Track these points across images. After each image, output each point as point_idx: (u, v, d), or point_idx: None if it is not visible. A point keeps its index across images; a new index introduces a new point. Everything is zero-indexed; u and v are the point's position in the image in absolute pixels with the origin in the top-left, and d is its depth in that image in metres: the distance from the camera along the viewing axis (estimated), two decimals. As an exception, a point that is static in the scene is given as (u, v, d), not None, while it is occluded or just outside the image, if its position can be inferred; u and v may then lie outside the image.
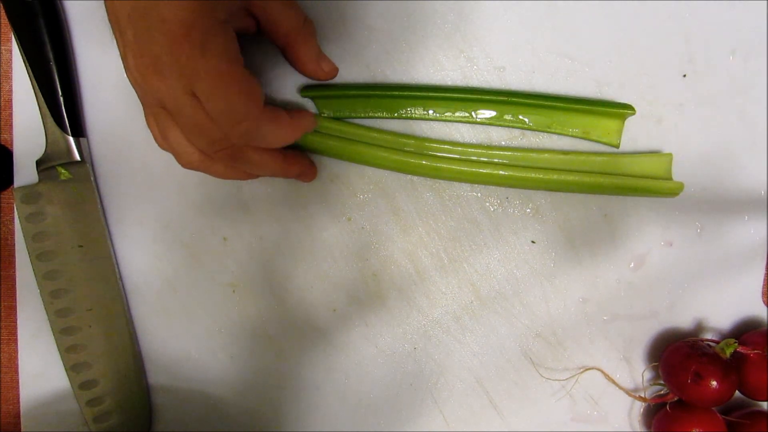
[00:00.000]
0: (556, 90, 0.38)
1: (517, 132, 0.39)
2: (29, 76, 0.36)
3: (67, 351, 0.38)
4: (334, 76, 0.37)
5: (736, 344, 0.37)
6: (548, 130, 0.38)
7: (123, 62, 0.30)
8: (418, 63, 0.38)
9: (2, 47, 0.38)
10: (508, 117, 0.38)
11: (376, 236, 0.39)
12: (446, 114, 0.38)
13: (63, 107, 0.37)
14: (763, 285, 0.41)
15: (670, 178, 0.38)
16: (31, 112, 0.38)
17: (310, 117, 0.36)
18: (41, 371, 0.40)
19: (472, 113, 0.38)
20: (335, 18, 0.38)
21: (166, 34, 0.28)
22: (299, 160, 0.36)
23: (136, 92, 0.31)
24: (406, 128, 0.38)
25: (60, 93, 0.36)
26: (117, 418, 0.39)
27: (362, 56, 0.38)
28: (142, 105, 0.32)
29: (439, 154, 0.38)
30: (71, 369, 0.39)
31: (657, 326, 0.41)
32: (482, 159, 0.38)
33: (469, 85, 0.38)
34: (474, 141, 0.39)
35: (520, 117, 0.38)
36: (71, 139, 0.37)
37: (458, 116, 0.38)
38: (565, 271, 0.40)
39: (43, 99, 0.36)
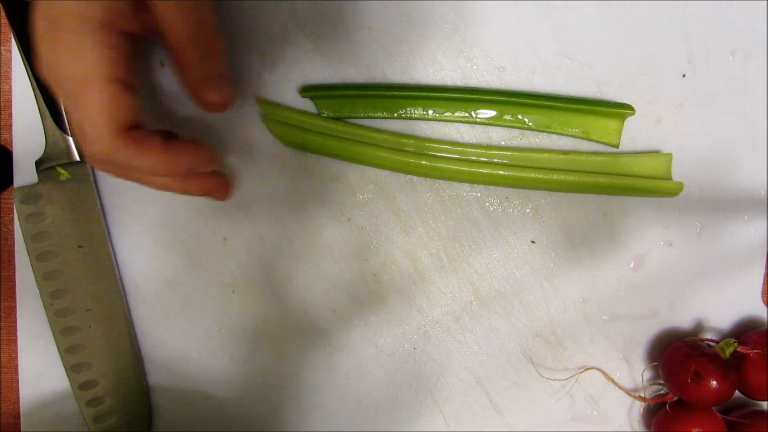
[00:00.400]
0: (556, 90, 0.38)
1: (516, 132, 0.39)
2: (29, 76, 0.36)
3: (66, 351, 0.38)
4: (224, 109, 0.31)
5: (736, 344, 0.37)
6: (548, 130, 0.38)
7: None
8: (417, 63, 0.38)
9: (2, 47, 0.38)
10: (507, 117, 0.38)
11: (376, 236, 0.39)
12: (446, 114, 0.38)
13: (63, 107, 0.37)
14: (763, 285, 0.41)
15: (669, 178, 0.38)
16: (30, 113, 0.37)
17: (201, 153, 0.31)
18: (41, 372, 0.40)
19: (472, 113, 0.38)
20: (335, 18, 0.38)
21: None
22: (203, 179, 0.32)
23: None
24: (406, 128, 0.38)
25: None
26: (117, 418, 0.39)
27: (362, 56, 0.38)
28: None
29: (438, 154, 0.38)
30: (71, 369, 0.39)
31: (657, 326, 0.41)
32: (482, 159, 0.38)
33: (469, 85, 0.38)
34: (474, 141, 0.39)
35: (520, 117, 0.38)
36: (71, 140, 0.37)
37: (458, 116, 0.38)
38: (565, 271, 0.40)
39: (42, 99, 0.36)
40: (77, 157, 0.37)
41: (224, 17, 0.37)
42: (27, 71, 0.36)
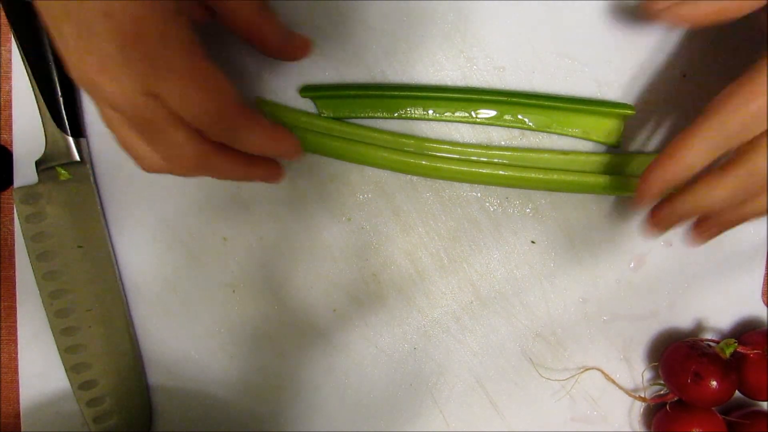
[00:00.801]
0: (556, 90, 0.38)
1: (516, 132, 0.39)
2: (29, 76, 0.36)
3: (66, 351, 0.38)
4: (309, 50, 0.34)
5: (736, 344, 0.37)
6: (548, 130, 0.38)
7: (64, 62, 0.27)
8: (417, 63, 0.38)
9: (2, 47, 0.38)
10: (507, 117, 0.38)
11: (376, 236, 0.39)
12: (446, 114, 0.38)
13: (63, 107, 0.37)
14: (763, 285, 0.41)
15: None
16: (31, 113, 0.37)
17: (292, 141, 0.33)
18: (41, 371, 0.40)
19: (472, 113, 0.38)
20: (335, 18, 0.37)
21: (113, 31, 0.25)
22: (264, 163, 0.33)
23: (83, 88, 0.28)
24: (406, 128, 0.38)
25: (60, 93, 0.36)
26: (117, 418, 0.39)
27: (362, 56, 0.38)
28: (95, 105, 0.29)
29: (438, 154, 0.38)
30: (71, 369, 0.39)
31: (657, 326, 0.41)
32: (482, 159, 0.38)
33: (469, 84, 0.38)
34: (474, 141, 0.39)
35: (520, 117, 0.38)
36: (71, 140, 0.37)
37: (458, 116, 0.38)
38: (565, 271, 0.40)
39: (42, 99, 0.36)
40: (77, 157, 0.37)
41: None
42: (27, 71, 0.36)
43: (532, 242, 0.40)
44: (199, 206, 0.39)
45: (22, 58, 0.36)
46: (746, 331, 0.40)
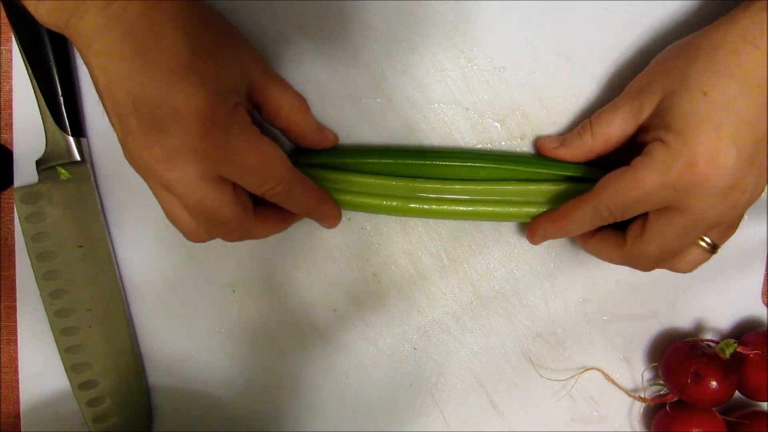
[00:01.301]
0: (557, 89, 0.38)
1: (517, 132, 0.39)
2: (29, 76, 0.36)
3: (66, 351, 0.38)
4: (336, 141, 0.37)
5: (736, 344, 0.37)
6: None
7: (122, 145, 0.29)
8: (418, 63, 0.38)
9: (2, 47, 0.38)
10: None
11: (376, 236, 0.39)
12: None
13: (63, 107, 0.37)
14: (763, 285, 0.41)
15: None
16: (31, 112, 0.37)
17: (333, 204, 0.36)
18: (41, 372, 0.40)
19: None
20: (335, 18, 0.37)
21: (182, 128, 0.27)
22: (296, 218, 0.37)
23: (137, 171, 0.30)
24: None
25: (60, 93, 0.36)
26: (117, 418, 0.39)
27: (362, 56, 0.38)
28: (149, 186, 0.31)
29: (429, 195, 0.36)
30: (71, 369, 0.39)
31: (657, 326, 0.41)
32: (465, 197, 0.36)
33: (470, 85, 0.38)
34: (474, 140, 0.39)
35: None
36: (71, 139, 0.37)
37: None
38: (565, 271, 0.40)
39: (43, 99, 0.36)
40: (77, 157, 0.37)
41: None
42: (27, 71, 0.36)
43: (532, 242, 0.40)
44: (199, 206, 0.39)
45: (22, 57, 0.36)
46: (746, 332, 0.40)
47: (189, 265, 0.40)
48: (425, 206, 0.36)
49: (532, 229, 0.36)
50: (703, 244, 0.33)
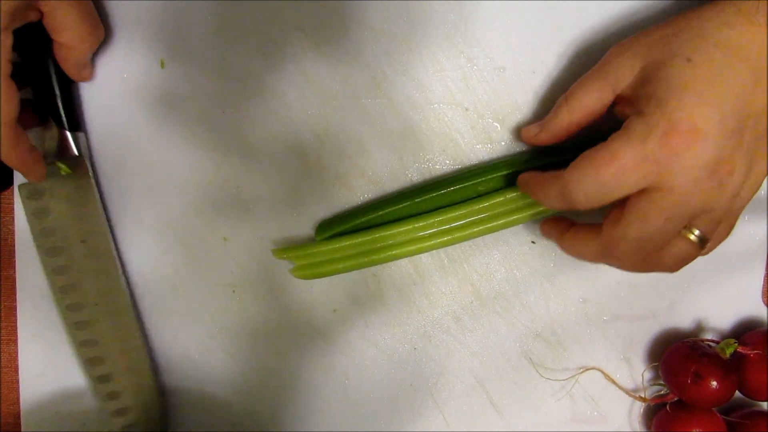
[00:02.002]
0: (557, 90, 0.38)
1: (517, 132, 0.39)
2: (26, 70, 0.36)
3: (81, 345, 0.38)
4: (89, 80, 0.37)
5: (736, 344, 0.37)
6: None
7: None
8: (417, 63, 0.38)
9: (2, 47, 0.38)
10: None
11: (376, 236, 0.39)
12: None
13: (60, 101, 0.36)
14: (763, 285, 0.41)
15: None
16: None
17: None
18: (41, 371, 0.40)
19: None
20: (335, 18, 0.38)
21: None
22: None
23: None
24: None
25: (56, 87, 0.36)
26: (134, 414, 0.39)
27: (362, 56, 0.38)
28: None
29: (393, 241, 0.37)
30: (88, 362, 0.39)
31: (657, 326, 0.41)
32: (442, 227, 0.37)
33: (469, 85, 0.38)
34: (474, 139, 0.39)
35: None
36: (69, 134, 0.37)
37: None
38: (565, 271, 0.40)
39: (41, 93, 0.36)
40: (75, 152, 0.37)
41: (224, 17, 0.37)
42: (23, 65, 0.36)
43: (532, 242, 0.40)
44: (199, 206, 0.39)
45: (19, 52, 0.36)
46: (746, 332, 0.40)
47: (189, 265, 0.40)
48: (452, 235, 0.36)
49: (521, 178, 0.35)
50: (691, 236, 0.30)
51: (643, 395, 0.40)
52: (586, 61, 0.38)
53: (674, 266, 0.31)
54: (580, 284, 0.40)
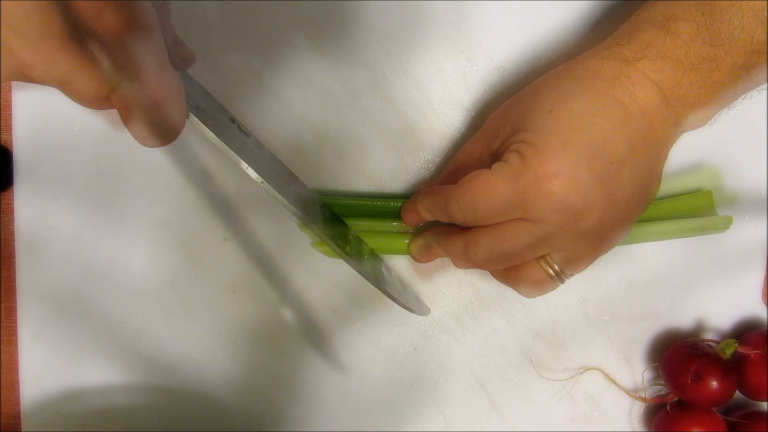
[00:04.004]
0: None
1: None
2: None
3: None
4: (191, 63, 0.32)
5: (737, 344, 0.38)
6: None
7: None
8: (418, 63, 0.38)
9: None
10: None
11: (376, 236, 0.39)
12: None
13: None
14: (764, 285, 0.41)
15: (714, 213, 0.38)
16: (31, 112, 0.37)
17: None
18: (41, 372, 0.40)
19: None
20: (335, 18, 0.38)
21: None
22: None
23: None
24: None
25: None
26: None
27: (362, 56, 0.38)
28: None
29: None
30: None
31: (657, 326, 0.41)
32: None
33: (470, 85, 0.38)
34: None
35: None
36: None
37: None
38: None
39: None
40: None
41: (224, 17, 0.37)
42: None
43: (533, 242, 0.40)
44: (199, 206, 0.39)
45: None
46: (747, 332, 0.40)
47: (189, 265, 0.40)
48: None
49: (407, 204, 0.37)
50: (546, 267, 0.32)
51: (643, 395, 0.40)
52: (586, 61, 0.38)
53: (531, 290, 0.34)
54: (580, 284, 0.40)
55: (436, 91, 0.38)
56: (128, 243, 0.39)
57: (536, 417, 0.41)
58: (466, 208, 0.31)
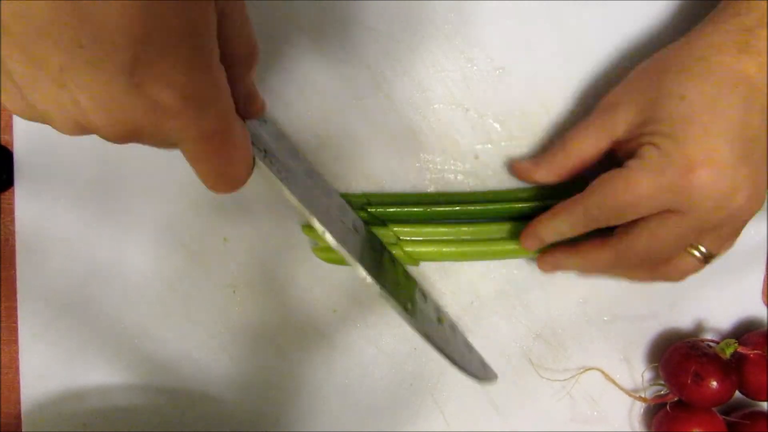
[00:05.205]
0: (557, 90, 0.38)
1: (517, 132, 0.39)
2: None
3: None
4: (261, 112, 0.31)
5: (737, 344, 0.38)
6: None
7: None
8: (418, 63, 0.38)
9: (2, 48, 0.38)
10: None
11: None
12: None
13: None
14: (764, 285, 0.41)
15: None
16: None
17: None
18: (42, 372, 0.40)
19: None
20: (335, 18, 0.37)
21: None
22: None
23: None
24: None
25: None
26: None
27: (362, 57, 0.38)
28: None
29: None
30: None
31: (657, 327, 0.41)
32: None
33: (470, 85, 0.38)
34: (475, 143, 0.39)
35: None
36: None
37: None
38: (566, 272, 0.40)
39: None
40: None
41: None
42: None
43: (533, 242, 0.40)
44: (199, 207, 0.39)
45: None
46: (746, 332, 0.40)
47: (189, 266, 0.40)
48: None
49: (525, 233, 0.36)
50: (696, 253, 0.32)
51: (643, 395, 0.40)
52: (587, 60, 0.38)
53: (679, 278, 0.33)
54: (581, 284, 0.40)
55: (436, 92, 0.38)
56: (129, 243, 0.39)
57: (536, 417, 0.41)
58: (609, 212, 0.31)
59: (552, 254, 0.36)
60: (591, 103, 0.38)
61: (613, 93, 0.34)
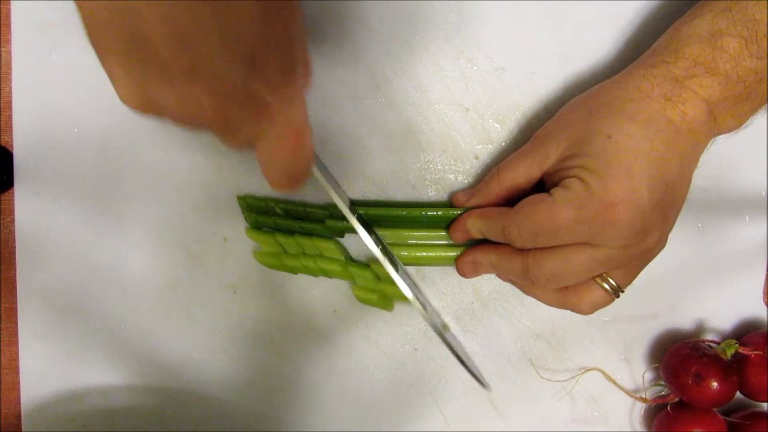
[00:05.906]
0: (557, 90, 0.38)
1: (517, 132, 0.39)
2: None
3: None
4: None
5: (737, 345, 0.37)
6: None
7: None
8: (418, 64, 0.38)
9: (2, 49, 0.38)
10: None
11: (377, 237, 0.39)
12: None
13: None
14: (764, 285, 0.41)
15: None
16: (31, 114, 0.38)
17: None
18: (42, 373, 0.40)
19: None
20: (335, 19, 0.37)
21: None
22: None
23: None
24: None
25: None
26: None
27: (362, 57, 0.38)
28: None
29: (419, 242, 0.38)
30: None
31: (658, 327, 0.41)
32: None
33: (470, 85, 0.38)
34: (475, 143, 0.39)
35: None
36: None
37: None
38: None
39: None
40: None
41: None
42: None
43: (533, 243, 0.40)
44: (199, 207, 0.39)
45: None
46: (747, 332, 0.40)
47: (190, 266, 0.40)
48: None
49: (454, 225, 0.36)
50: (606, 285, 0.33)
51: (643, 396, 0.40)
52: (586, 60, 0.38)
53: (589, 311, 0.34)
54: (581, 285, 0.40)
55: (436, 92, 0.38)
56: (129, 243, 0.39)
57: (537, 417, 0.41)
58: (527, 233, 0.32)
59: (469, 252, 0.37)
60: (591, 103, 0.38)
61: (546, 126, 0.35)
